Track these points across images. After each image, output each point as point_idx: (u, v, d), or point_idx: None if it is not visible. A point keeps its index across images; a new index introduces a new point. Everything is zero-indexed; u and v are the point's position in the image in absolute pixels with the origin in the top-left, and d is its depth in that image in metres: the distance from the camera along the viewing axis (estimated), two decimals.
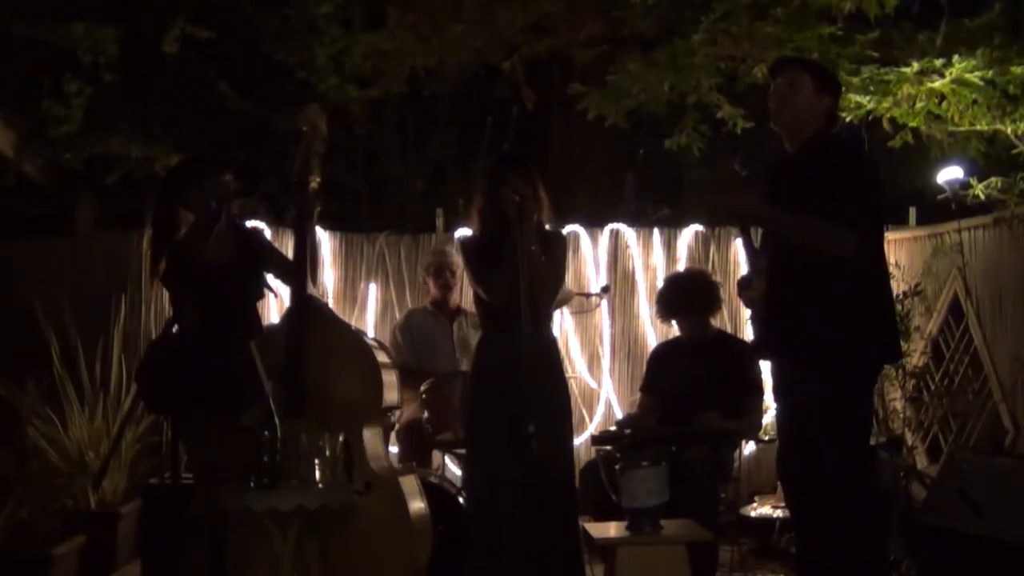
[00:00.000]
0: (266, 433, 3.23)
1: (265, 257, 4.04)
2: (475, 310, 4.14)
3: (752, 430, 4.82)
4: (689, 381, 4.74)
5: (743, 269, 4.33)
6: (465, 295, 5.37)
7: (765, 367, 4.45)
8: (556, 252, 3.99)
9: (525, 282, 3.55)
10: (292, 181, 3.87)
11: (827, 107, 3.46)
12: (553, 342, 4.03)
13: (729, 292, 5.82)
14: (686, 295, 4.90)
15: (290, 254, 3.88)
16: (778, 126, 3.48)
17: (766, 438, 5.09)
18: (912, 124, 5.34)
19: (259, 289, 4.06)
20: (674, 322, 5.04)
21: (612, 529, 3.95)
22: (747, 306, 3.72)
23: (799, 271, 3.33)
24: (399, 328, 5.40)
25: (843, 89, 5.14)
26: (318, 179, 3.90)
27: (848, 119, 5.31)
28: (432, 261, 5.38)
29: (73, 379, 5.36)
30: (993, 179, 5.25)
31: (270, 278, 4.07)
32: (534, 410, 3.45)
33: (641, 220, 7.33)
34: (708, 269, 5.86)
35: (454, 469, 5.49)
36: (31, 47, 6.45)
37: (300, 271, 3.84)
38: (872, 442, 4.56)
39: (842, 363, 3.31)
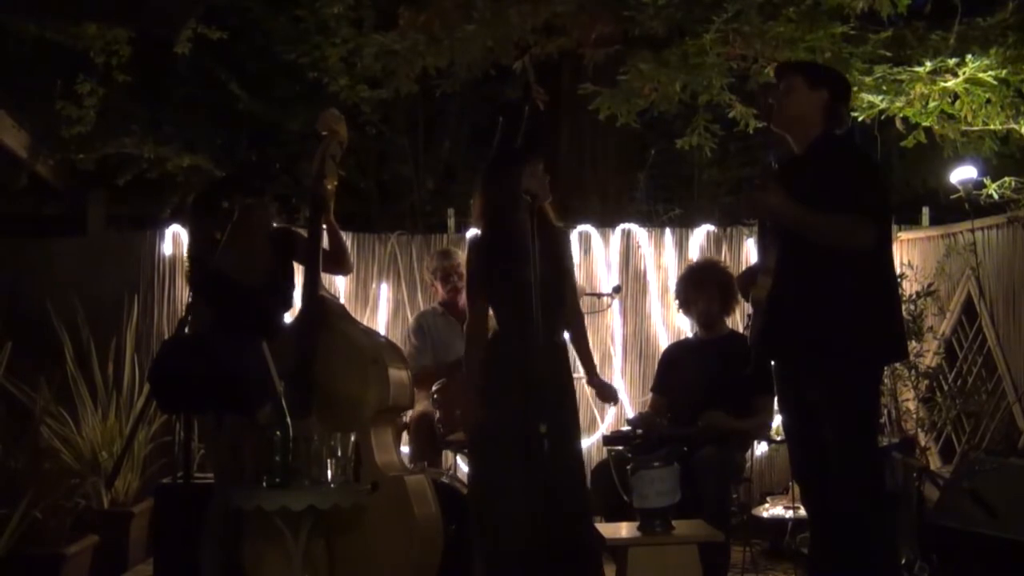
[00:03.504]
0: (278, 433, 3.24)
1: (296, 251, 4.07)
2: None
3: (763, 429, 4.80)
4: (700, 381, 4.74)
5: None
6: None
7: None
8: (564, 248, 3.99)
9: (537, 280, 3.54)
10: (306, 183, 3.90)
11: (824, 102, 3.49)
12: (563, 341, 4.02)
13: None
14: (703, 272, 4.98)
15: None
16: (778, 129, 3.55)
17: (778, 438, 5.07)
18: (925, 124, 5.32)
19: (286, 299, 4.09)
20: (689, 317, 5.06)
21: (624, 529, 3.95)
22: (752, 303, 3.72)
23: (807, 269, 3.35)
24: (412, 331, 5.39)
25: (855, 89, 5.14)
26: (334, 182, 3.93)
27: (861, 119, 5.30)
28: (438, 266, 5.36)
29: (86, 379, 5.39)
30: (1006, 179, 5.23)
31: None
32: (546, 410, 3.45)
33: (653, 220, 7.31)
34: None
35: (465, 469, 5.49)
36: (44, 48, 6.49)
37: (313, 270, 3.86)
38: (885, 442, 4.57)
39: (844, 362, 3.32)
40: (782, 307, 3.42)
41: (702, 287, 4.88)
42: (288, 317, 4.16)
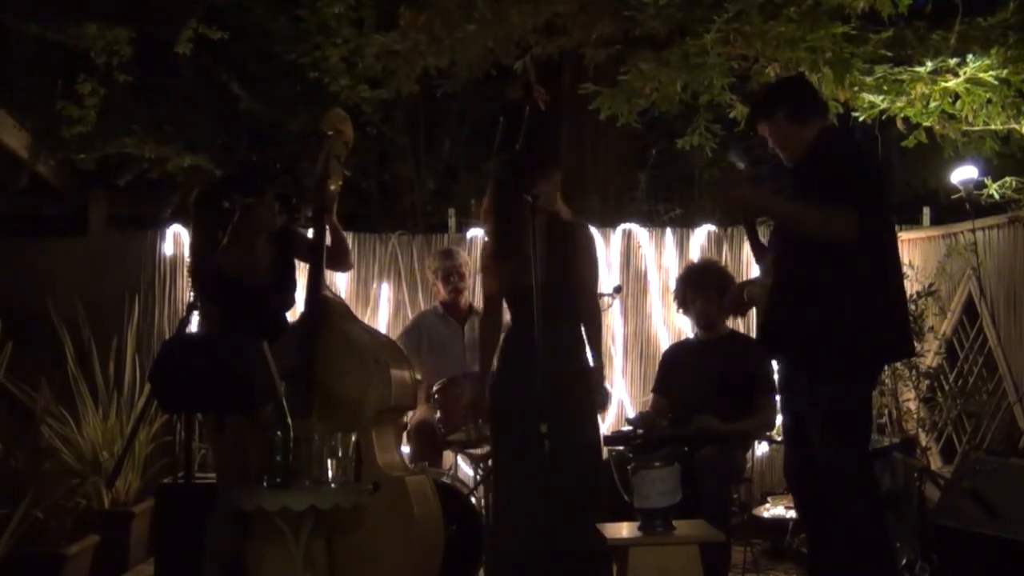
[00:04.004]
0: (279, 433, 3.24)
1: (296, 248, 4.08)
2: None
3: (764, 428, 4.80)
4: (701, 381, 4.74)
5: (755, 270, 4.34)
6: (477, 295, 5.36)
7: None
8: (575, 247, 3.98)
9: (538, 282, 3.54)
10: (307, 183, 3.91)
11: (783, 118, 3.53)
12: (573, 339, 4.00)
13: None
14: (701, 272, 5.00)
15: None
16: (792, 164, 3.59)
17: (779, 438, 5.07)
18: (926, 124, 5.31)
19: (289, 297, 4.09)
20: (688, 318, 5.06)
21: (624, 530, 3.94)
22: (751, 302, 3.73)
23: (807, 267, 3.35)
24: (406, 332, 5.38)
25: (856, 89, 5.14)
26: (339, 182, 3.93)
27: (861, 119, 5.29)
28: (440, 266, 5.34)
29: (87, 379, 5.39)
30: (1007, 179, 5.24)
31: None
32: (547, 410, 3.44)
33: (653, 220, 7.32)
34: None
35: (466, 469, 5.49)
36: (44, 48, 6.49)
37: (316, 270, 3.86)
38: (886, 442, 4.57)
39: (841, 362, 3.32)
40: (782, 306, 3.42)
41: (700, 288, 4.88)
42: (290, 316, 4.16)
